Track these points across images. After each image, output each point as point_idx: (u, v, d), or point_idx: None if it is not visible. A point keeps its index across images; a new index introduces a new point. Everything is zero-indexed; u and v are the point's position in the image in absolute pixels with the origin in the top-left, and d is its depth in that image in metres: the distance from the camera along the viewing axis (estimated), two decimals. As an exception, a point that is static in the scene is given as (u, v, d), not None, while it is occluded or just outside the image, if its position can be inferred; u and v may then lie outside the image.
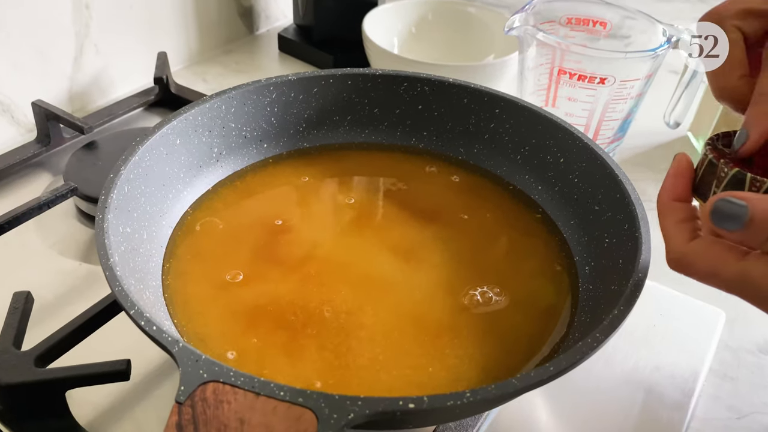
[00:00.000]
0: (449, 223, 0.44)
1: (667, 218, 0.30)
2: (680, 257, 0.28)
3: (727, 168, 0.28)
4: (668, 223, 0.30)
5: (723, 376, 0.43)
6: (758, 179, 0.27)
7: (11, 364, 0.35)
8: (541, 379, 0.27)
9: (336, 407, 0.25)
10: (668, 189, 0.31)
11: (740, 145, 0.29)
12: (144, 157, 0.39)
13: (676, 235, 0.29)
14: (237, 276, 0.39)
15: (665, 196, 0.31)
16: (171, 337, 0.28)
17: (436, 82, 0.48)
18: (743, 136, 0.29)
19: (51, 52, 0.61)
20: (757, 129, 0.29)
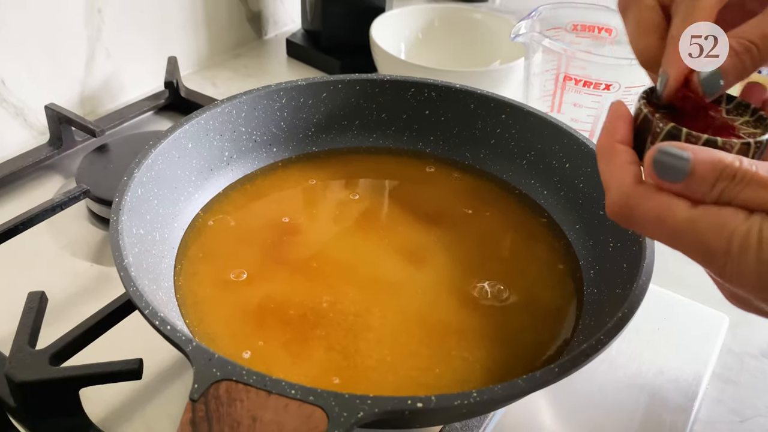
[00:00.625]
0: (455, 226, 0.44)
1: (608, 160, 0.28)
2: (625, 199, 0.26)
3: (662, 123, 0.27)
4: (610, 164, 0.28)
5: (726, 379, 0.44)
6: (694, 134, 0.26)
7: (26, 362, 0.35)
8: (547, 380, 0.28)
9: (346, 406, 0.26)
10: (609, 131, 0.29)
11: (663, 88, 0.29)
12: (157, 160, 0.40)
13: (620, 175, 0.27)
14: (247, 277, 0.39)
15: (605, 139, 0.28)
16: (185, 336, 0.28)
17: (443, 87, 0.48)
18: (663, 80, 0.29)
19: (63, 57, 0.62)
20: (674, 70, 0.29)
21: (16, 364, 0.35)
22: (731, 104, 0.29)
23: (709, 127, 0.28)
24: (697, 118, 0.28)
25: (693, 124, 0.27)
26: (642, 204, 0.26)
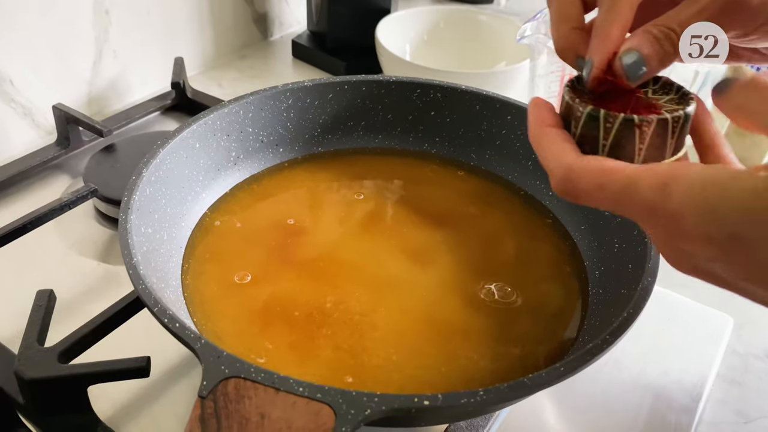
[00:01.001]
0: (460, 227, 0.45)
1: (543, 144, 0.29)
2: (567, 173, 0.27)
3: (582, 107, 0.28)
4: (546, 147, 0.28)
5: (731, 380, 0.44)
6: (611, 114, 0.27)
7: (35, 360, 0.36)
8: (553, 378, 0.28)
9: (353, 403, 0.26)
10: (536, 120, 0.30)
11: (588, 74, 0.30)
12: (165, 159, 0.40)
13: (558, 154, 0.28)
14: (253, 276, 0.40)
15: (535, 128, 0.30)
16: (194, 334, 0.29)
17: (448, 88, 0.49)
18: (588, 65, 0.30)
19: (71, 57, 0.63)
20: (598, 56, 0.30)
21: (25, 362, 0.35)
22: (657, 84, 0.30)
23: (633, 107, 0.28)
24: (621, 101, 0.29)
25: (615, 106, 0.28)
26: (583, 175, 0.26)
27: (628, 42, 0.29)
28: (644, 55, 0.29)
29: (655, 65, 0.29)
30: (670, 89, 0.30)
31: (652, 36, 0.29)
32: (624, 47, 0.29)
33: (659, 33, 0.29)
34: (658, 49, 0.29)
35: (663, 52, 0.29)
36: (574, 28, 0.31)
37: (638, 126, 0.27)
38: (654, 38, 0.29)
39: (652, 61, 0.29)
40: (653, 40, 0.29)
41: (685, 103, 0.28)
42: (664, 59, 0.29)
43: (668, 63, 0.29)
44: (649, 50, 0.29)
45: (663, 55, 0.29)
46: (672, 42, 0.29)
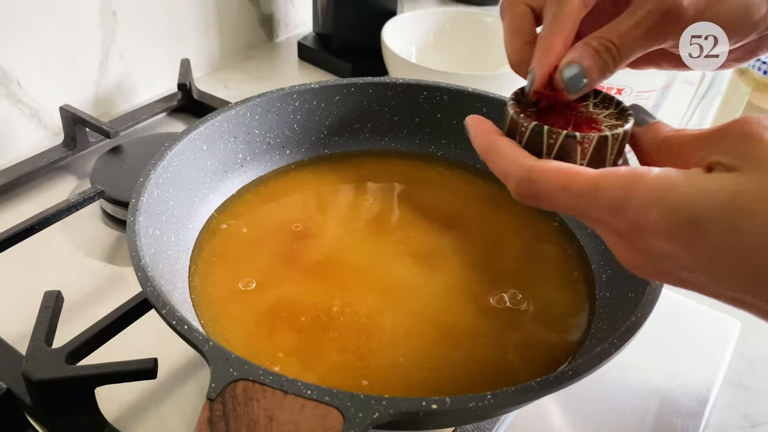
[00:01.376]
0: (467, 229, 0.45)
1: (497, 152, 0.29)
2: (527, 175, 0.27)
3: (526, 122, 0.29)
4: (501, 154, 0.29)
5: (737, 384, 0.44)
6: (554, 131, 0.28)
7: (43, 360, 0.36)
8: (560, 383, 0.28)
9: (361, 406, 0.26)
10: (483, 133, 0.30)
11: (530, 84, 0.31)
12: (173, 161, 0.40)
13: (515, 159, 0.28)
14: (260, 279, 0.40)
15: (484, 139, 0.30)
16: (202, 336, 0.29)
17: (455, 91, 0.49)
18: (531, 76, 0.31)
19: (78, 58, 0.63)
20: (539, 68, 0.30)
21: (32, 363, 0.35)
22: (598, 98, 0.31)
23: (574, 122, 0.29)
24: (563, 115, 0.30)
25: (558, 120, 0.29)
26: (544, 177, 0.26)
27: (568, 55, 0.30)
28: (585, 67, 0.29)
29: (595, 77, 0.30)
30: (609, 103, 0.31)
31: (592, 49, 0.29)
32: (564, 60, 0.30)
33: (599, 45, 0.29)
34: (599, 61, 0.29)
35: (603, 64, 0.29)
36: (526, 43, 0.32)
37: (580, 143, 0.28)
38: (594, 51, 0.29)
39: (592, 73, 0.29)
40: (593, 52, 0.29)
41: (624, 119, 0.29)
42: (604, 71, 0.30)
43: (608, 74, 0.30)
44: (589, 63, 0.29)
45: (603, 67, 0.29)
46: (612, 54, 0.29)
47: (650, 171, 0.24)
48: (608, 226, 0.26)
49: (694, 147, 0.26)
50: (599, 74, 0.30)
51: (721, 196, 0.23)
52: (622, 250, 0.26)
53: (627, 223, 0.24)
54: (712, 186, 0.23)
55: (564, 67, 0.30)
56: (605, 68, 0.30)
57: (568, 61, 0.30)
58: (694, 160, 0.26)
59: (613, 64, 0.30)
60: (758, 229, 0.22)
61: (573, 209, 0.26)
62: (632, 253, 0.26)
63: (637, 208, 0.24)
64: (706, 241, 0.23)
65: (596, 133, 0.28)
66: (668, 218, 0.23)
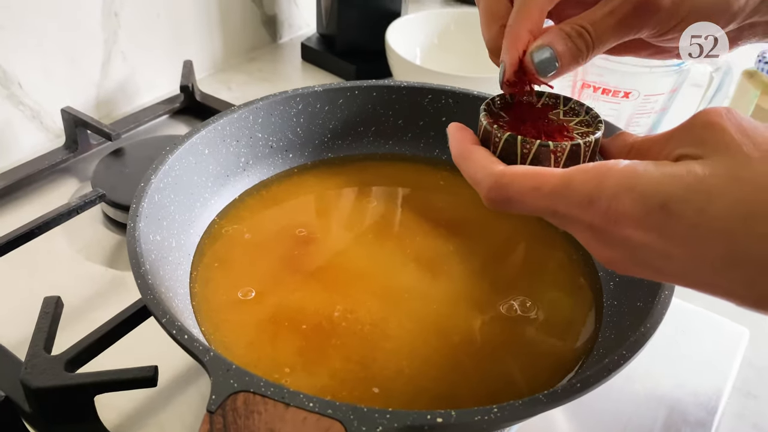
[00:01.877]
0: (472, 235, 0.44)
1: (469, 160, 0.29)
2: (498, 180, 0.27)
3: (500, 132, 0.29)
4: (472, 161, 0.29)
5: (747, 394, 0.43)
6: (528, 140, 0.28)
7: (42, 368, 0.35)
8: (568, 395, 0.27)
9: (365, 419, 0.25)
10: (458, 140, 0.30)
11: (501, 75, 0.31)
12: (174, 166, 0.39)
13: (485, 165, 0.28)
14: (262, 285, 0.39)
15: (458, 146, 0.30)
16: (202, 346, 0.28)
17: (460, 94, 0.48)
18: (502, 68, 0.31)
19: (80, 60, 0.63)
20: (509, 54, 0.30)
21: (31, 370, 0.35)
22: (567, 106, 0.32)
23: (546, 131, 0.30)
24: (535, 124, 0.30)
25: (530, 130, 0.30)
26: (515, 180, 0.27)
27: (540, 39, 0.30)
28: (557, 51, 0.29)
29: (566, 62, 0.30)
30: (579, 110, 0.32)
31: (564, 33, 0.29)
32: (536, 43, 0.30)
33: (572, 31, 0.29)
34: (571, 46, 0.29)
35: (576, 49, 0.29)
36: (503, 26, 0.32)
37: (553, 152, 0.28)
38: (566, 35, 0.29)
39: (564, 57, 0.30)
40: (566, 37, 0.29)
41: (595, 126, 0.30)
42: (576, 57, 0.30)
43: (581, 61, 0.30)
44: (561, 47, 0.29)
45: (576, 52, 0.30)
46: (584, 40, 0.29)
47: (618, 163, 0.24)
48: (581, 222, 0.25)
49: (661, 145, 0.26)
50: (571, 59, 0.30)
51: (690, 179, 0.23)
52: (597, 247, 0.26)
53: (600, 215, 0.24)
54: (679, 171, 0.23)
55: (535, 50, 0.30)
56: (578, 54, 0.30)
57: (539, 45, 0.30)
58: (662, 156, 0.26)
59: (586, 51, 0.30)
60: (728, 210, 0.22)
61: (545, 209, 0.26)
62: (608, 248, 0.25)
63: (609, 197, 0.24)
64: (678, 224, 0.23)
65: (569, 142, 0.28)
66: (639, 204, 0.23)
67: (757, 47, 0.85)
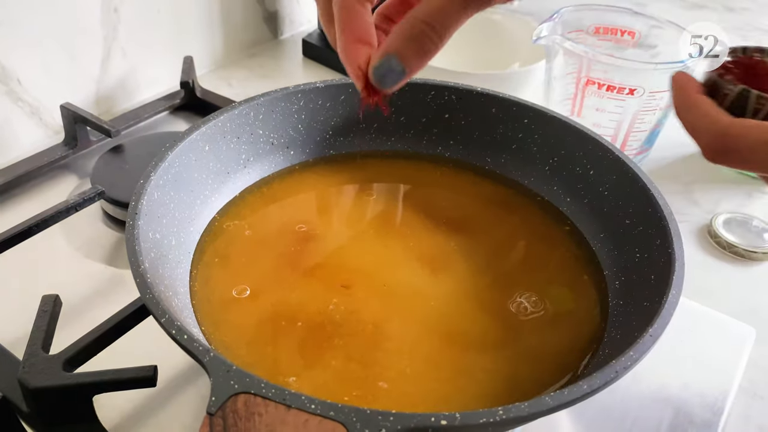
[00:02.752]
0: (475, 233, 0.44)
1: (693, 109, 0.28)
2: (726, 128, 0.26)
3: (732, 85, 0.28)
4: (696, 111, 0.28)
5: (753, 394, 0.43)
6: (763, 96, 0.27)
7: (40, 368, 0.35)
8: (575, 397, 0.27)
9: (367, 422, 0.25)
10: (683, 89, 0.29)
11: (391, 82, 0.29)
12: (174, 162, 0.39)
13: (712, 116, 0.27)
14: (263, 284, 0.39)
15: (682, 95, 0.29)
16: (202, 347, 0.28)
17: (463, 91, 0.47)
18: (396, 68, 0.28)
19: (79, 56, 0.62)
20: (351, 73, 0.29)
21: (29, 370, 0.35)
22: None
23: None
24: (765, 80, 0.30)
25: (763, 85, 0.28)
26: (749, 132, 0.26)
27: (380, 49, 0.28)
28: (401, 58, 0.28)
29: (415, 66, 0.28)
30: None
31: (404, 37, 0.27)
32: (375, 58, 0.28)
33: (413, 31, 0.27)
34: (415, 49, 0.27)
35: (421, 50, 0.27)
36: None
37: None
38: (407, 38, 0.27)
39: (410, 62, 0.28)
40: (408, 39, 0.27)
41: None
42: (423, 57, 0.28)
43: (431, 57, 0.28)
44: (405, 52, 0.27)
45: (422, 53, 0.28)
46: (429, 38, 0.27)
47: None
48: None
49: None
50: (418, 62, 0.28)
51: None
52: None
53: None
54: None
55: (376, 65, 0.28)
56: (424, 54, 0.28)
57: (379, 59, 0.28)
58: None
59: (433, 48, 0.28)
60: None
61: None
62: None
63: None
64: None
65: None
66: None
67: (760, 42, 0.84)
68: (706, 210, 0.58)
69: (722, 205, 0.59)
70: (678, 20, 0.59)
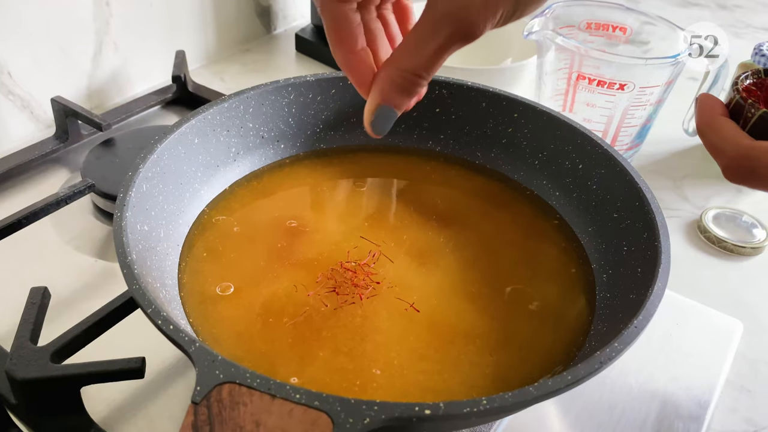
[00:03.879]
0: (465, 227, 0.44)
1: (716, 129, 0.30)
2: (748, 150, 0.28)
3: (754, 109, 0.29)
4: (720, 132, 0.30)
5: (740, 388, 0.43)
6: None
7: (28, 359, 0.35)
8: (559, 387, 0.27)
9: (352, 411, 0.25)
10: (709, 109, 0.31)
11: None
12: (163, 155, 0.39)
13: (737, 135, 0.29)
14: (251, 276, 0.39)
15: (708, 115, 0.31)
16: (188, 337, 0.28)
17: (454, 85, 0.48)
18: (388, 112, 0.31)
19: (71, 49, 0.62)
20: None
21: (17, 361, 0.35)
22: None
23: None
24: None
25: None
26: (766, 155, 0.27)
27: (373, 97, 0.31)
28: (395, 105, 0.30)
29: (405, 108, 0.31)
30: None
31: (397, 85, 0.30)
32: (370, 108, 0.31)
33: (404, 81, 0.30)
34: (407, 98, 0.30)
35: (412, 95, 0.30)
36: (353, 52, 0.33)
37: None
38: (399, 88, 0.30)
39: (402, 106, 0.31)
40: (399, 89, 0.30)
41: None
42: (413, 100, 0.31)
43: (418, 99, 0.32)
44: (399, 101, 0.30)
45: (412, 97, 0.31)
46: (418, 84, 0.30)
47: None
48: None
49: None
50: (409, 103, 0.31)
51: None
52: None
53: None
54: None
55: (373, 119, 0.31)
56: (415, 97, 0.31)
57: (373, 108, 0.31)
58: None
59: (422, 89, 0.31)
60: None
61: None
62: None
63: None
64: None
65: None
66: None
67: (753, 40, 0.85)
68: (696, 205, 0.58)
69: (712, 200, 0.59)
70: (670, 17, 0.59)
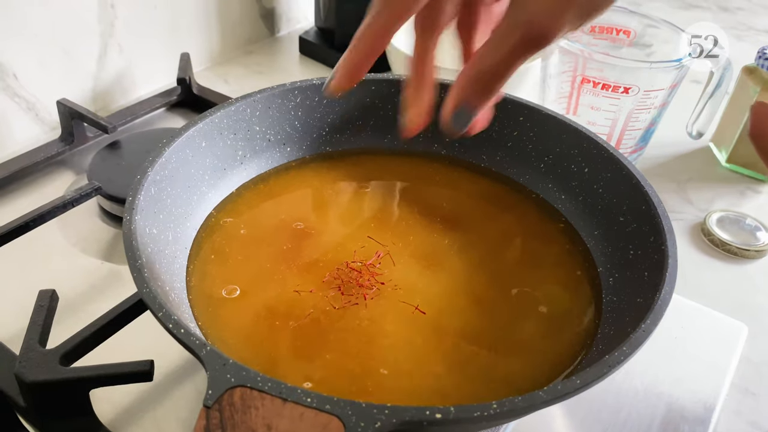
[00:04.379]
0: (470, 230, 0.44)
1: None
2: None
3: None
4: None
5: (745, 391, 0.43)
6: None
7: (37, 362, 0.35)
8: (569, 391, 0.27)
9: (363, 415, 0.25)
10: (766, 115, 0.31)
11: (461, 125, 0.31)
12: (170, 158, 0.39)
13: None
14: (259, 279, 0.39)
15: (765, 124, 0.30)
16: (199, 340, 0.28)
17: (460, 88, 0.48)
18: None
19: (76, 52, 0.62)
20: None
21: (26, 364, 0.35)
22: None
23: None
24: None
25: None
26: None
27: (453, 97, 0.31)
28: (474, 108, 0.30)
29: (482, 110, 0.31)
30: None
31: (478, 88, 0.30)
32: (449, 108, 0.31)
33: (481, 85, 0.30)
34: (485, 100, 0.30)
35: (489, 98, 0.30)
36: None
37: None
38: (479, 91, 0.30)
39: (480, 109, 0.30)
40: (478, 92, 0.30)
41: None
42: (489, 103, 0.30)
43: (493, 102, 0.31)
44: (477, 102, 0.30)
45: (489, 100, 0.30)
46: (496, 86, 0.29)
47: None
48: None
49: None
50: (487, 104, 0.30)
51: None
52: None
53: None
54: None
55: (452, 118, 0.31)
56: (492, 97, 0.30)
57: (453, 108, 0.31)
58: None
59: (499, 89, 0.30)
60: None
61: None
62: None
63: None
64: None
65: None
66: None
67: (755, 42, 0.85)
68: (699, 208, 0.58)
69: (716, 203, 0.59)
70: (672, 19, 0.59)
